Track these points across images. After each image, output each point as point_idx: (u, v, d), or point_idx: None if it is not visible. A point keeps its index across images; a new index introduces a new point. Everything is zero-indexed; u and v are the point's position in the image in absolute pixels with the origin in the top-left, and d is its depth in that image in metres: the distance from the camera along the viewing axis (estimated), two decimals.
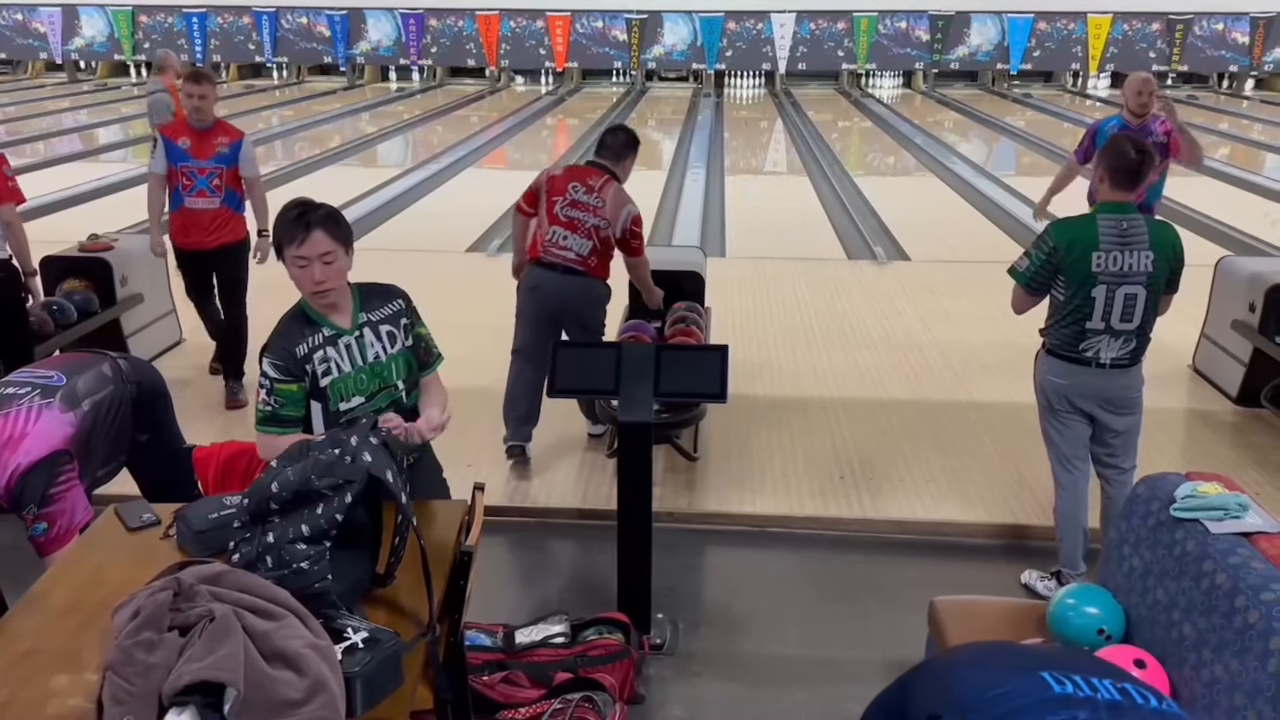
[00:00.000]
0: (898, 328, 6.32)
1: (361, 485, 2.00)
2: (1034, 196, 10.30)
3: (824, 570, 3.84)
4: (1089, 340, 3.39)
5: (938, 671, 1.52)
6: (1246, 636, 2.07)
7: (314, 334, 2.56)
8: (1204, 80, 20.27)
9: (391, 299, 2.68)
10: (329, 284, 2.51)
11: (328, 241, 2.49)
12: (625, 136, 4.47)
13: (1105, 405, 3.48)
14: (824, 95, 19.92)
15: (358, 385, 2.59)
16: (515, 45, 20.62)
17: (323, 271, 2.48)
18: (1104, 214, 3.36)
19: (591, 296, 4.35)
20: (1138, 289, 3.32)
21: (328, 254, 2.49)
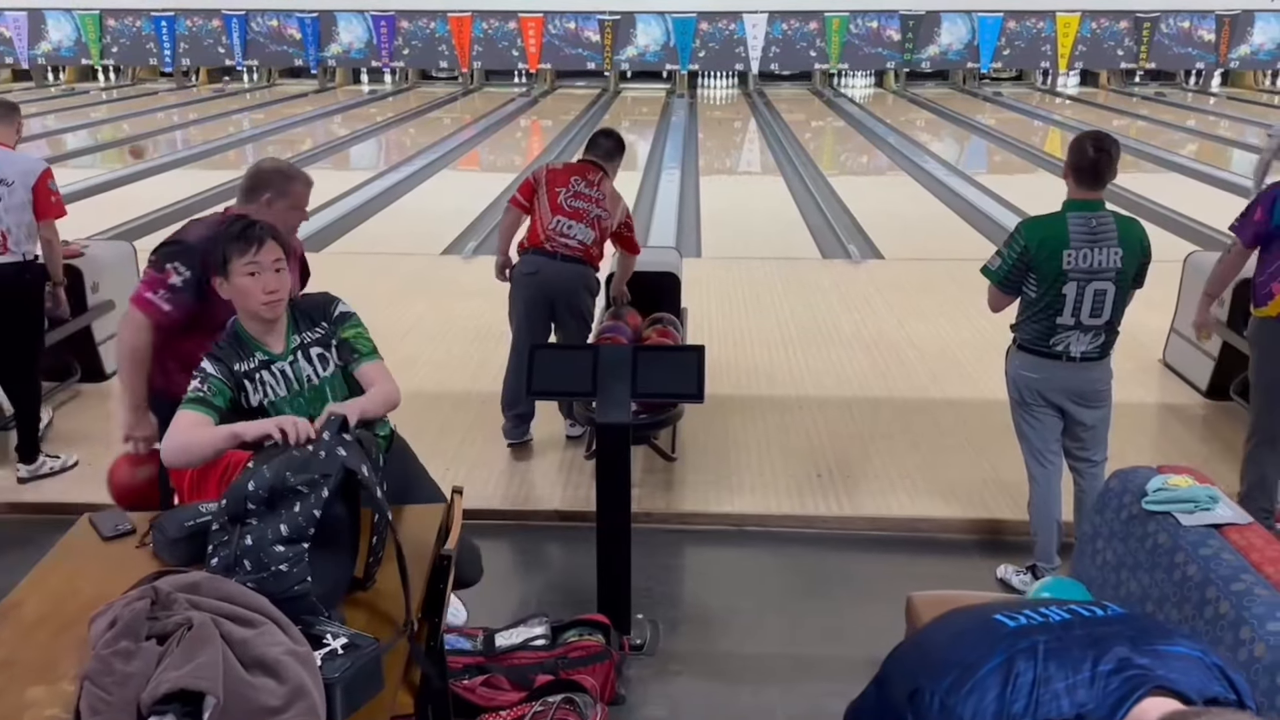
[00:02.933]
0: (872, 326, 6.36)
1: (338, 479, 2.00)
2: (1005, 194, 10.45)
3: (801, 568, 3.87)
4: (1059, 335, 3.44)
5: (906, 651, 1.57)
6: (1218, 626, 2.11)
7: (247, 359, 2.52)
8: (1171, 77, 20.51)
9: (317, 319, 2.62)
10: (280, 293, 2.48)
11: (277, 249, 2.49)
12: (615, 140, 4.64)
13: (1075, 399, 3.52)
14: (797, 95, 20.00)
15: (295, 408, 2.50)
16: (488, 47, 20.57)
17: (275, 279, 2.47)
18: (1073, 211, 3.41)
19: (587, 284, 4.47)
20: (1107, 285, 3.37)
21: (278, 260, 2.48)
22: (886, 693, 1.51)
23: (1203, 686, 1.30)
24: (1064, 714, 1.29)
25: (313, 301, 2.68)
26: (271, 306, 2.48)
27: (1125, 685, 1.28)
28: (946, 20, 19.87)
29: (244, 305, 2.50)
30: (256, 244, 2.46)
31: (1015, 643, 1.36)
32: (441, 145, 14.00)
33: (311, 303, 2.67)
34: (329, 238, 8.85)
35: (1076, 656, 1.33)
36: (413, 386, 5.44)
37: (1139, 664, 1.30)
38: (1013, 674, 1.33)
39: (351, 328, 2.65)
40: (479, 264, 4.83)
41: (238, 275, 2.46)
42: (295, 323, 2.59)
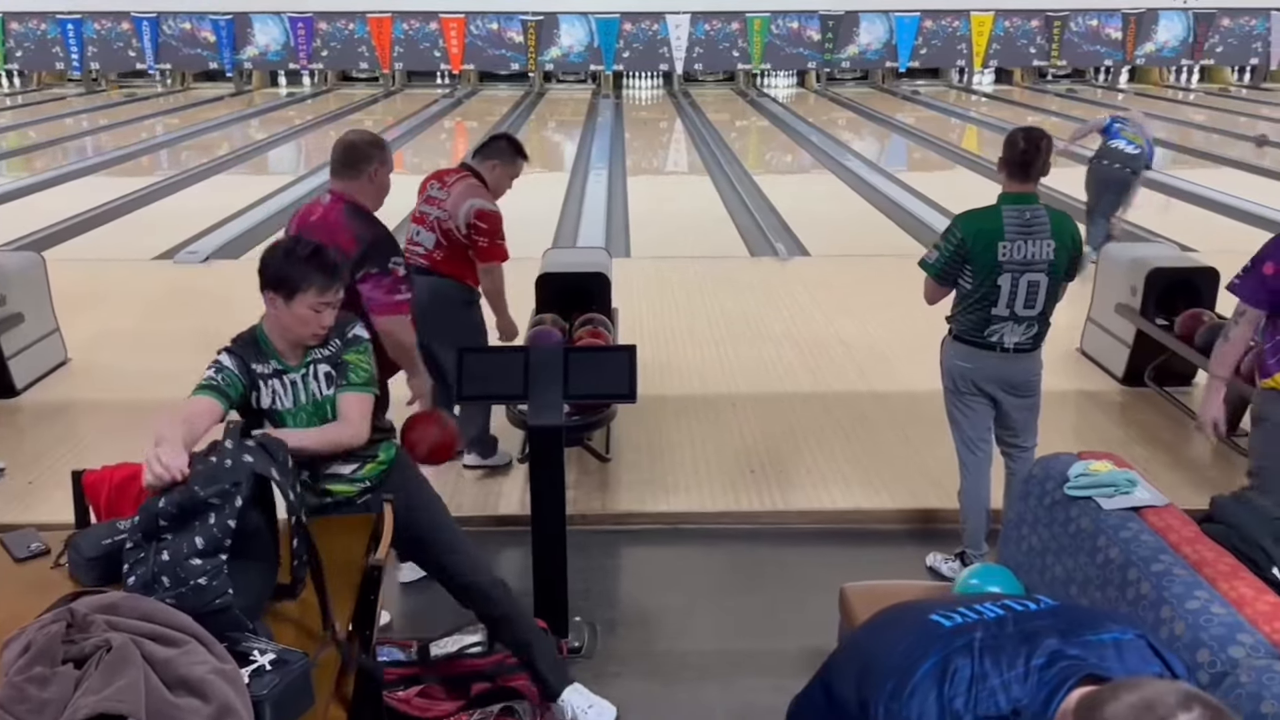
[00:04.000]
0: (801, 322, 6.43)
1: (249, 487, 1.95)
2: (925, 191, 10.66)
3: (737, 564, 3.89)
4: (994, 326, 3.49)
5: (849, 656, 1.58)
6: (1140, 607, 2.17)
7: (263, 362, 2.52)
8: (1081, 74, 21.13)
9: (332, 337, 2.58)
10: (329, 326, 2.53)
11: (339, 290, 2.51)
12: (499, 140, 4.33)
13: (1007, 388, 3.59)
14: (721, 95, 20.15)
15: (297, 422, 2.53)
16: (409, 48, 20.32)
17: (330, 317, 2.50)
18: (1007, 205, 3.47)
19: (440, 296, 3.98)
20: (1040, 276, 3.43)
21: (337, 300, 2.51)
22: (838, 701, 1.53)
23: (1135, 669, 1.33)
24: (1001, 710, 1.32)
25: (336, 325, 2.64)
26: (317, 338, 2.53)
27: (1057, 677, 1.31)
28: (865, 20, 20.19)
29: (290, 330, 2.50)
30: (337, 285, 2.48)
31: (952, 641, 1.39)
32: None
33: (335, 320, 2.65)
34: (248, 244, 8.64)
35: (1011, 652, 1.35)
36: None
37: (1070, 655, 1.33)
38: (950, 672, 1.35)
39: (355, 353, 2.61)
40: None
41: (302, 305, 2.45)
42: None
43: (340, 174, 3.29)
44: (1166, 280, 5.23)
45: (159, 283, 7.51)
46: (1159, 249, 6.30)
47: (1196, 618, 2.01)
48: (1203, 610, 2.03)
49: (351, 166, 3.28)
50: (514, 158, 4.25)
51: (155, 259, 8.13)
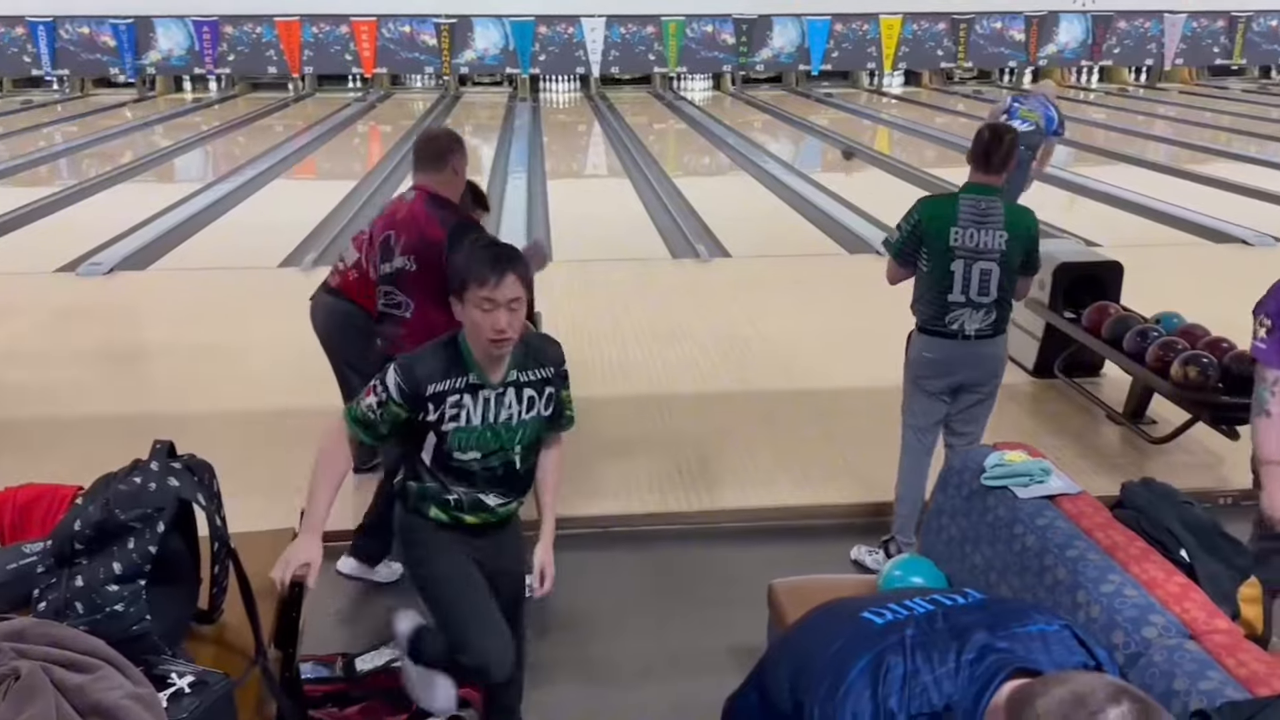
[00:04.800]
0: (724, 322, 6.48)
1: (172, 512, 1.88)
2: (841, 191, 10.84)
3: (667, 565, 3.90)
4: (953, 313, 3.63)
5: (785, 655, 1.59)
6: (1056, 592, 2.23)
7: (458, 377, 2.38)
8: (987, 76, 21.72)
9: (546, 363, 2.50)
10: (510, 334, 2.32)
11: (518, 287, 2.31)
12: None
13: (971, 374, 3.72)
14: (638, 98, 20.21)
15: (480, 440, 2.43)
16: (319, 51, 19.91)
17: (508, 319, 2.30)
18: (966, 194, 3.64)
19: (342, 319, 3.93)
20: (992, 265, 3.57)
21: (516, 300, 2.31)
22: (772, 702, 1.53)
23: (1062, 660, 1.37)
24: (934, 706, 1.33)
25: (546, 341, 2.59)
26: (499, 345, 2.34)
27: (987, 672, 1.33)
28: (778, 24, 20.45)
29: (472, 338, 2.37)
30: (496, 278, 2.29)
31: (884, 639, 1.40)
32: (274, 154, 13.46)
33: (544, 342, 2.58)
34: (156, 254, 8.39)
35: (942, 648, 1.37)
36: (257, 405, 5.25)
37: (999, 648, 1.36)
38: (883, 670, 1.37)
39: (568, 388, 2.58)
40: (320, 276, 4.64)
41: (471, 305, 2.31)
42: (523, 357, 2.46)
43: (426, 168, 3.47)
44: (1073, 275, 5.40)
45: (61, 296, 7.23)
46: (1065, 245, 6.51)
47: (1111, 601, 2.08)
48: (1116, 593, 2.10)
49: (438, 159, 3.45)
50: (473, 207, 3.94)
51: (57, 271, 7.82)
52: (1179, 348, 4.48)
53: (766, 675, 1.60)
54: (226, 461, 2.55)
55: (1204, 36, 21.17)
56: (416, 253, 3.35)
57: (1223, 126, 15.84)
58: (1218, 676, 1.80)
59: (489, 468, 2.46)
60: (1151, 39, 20.97)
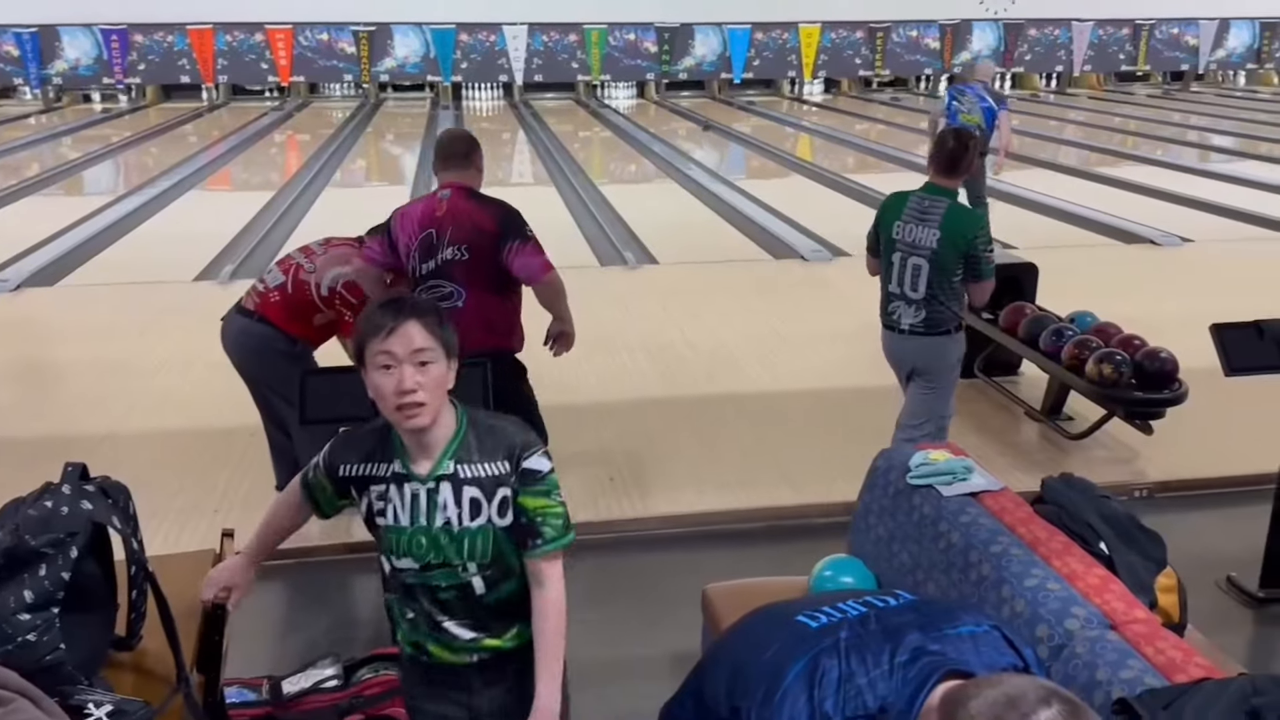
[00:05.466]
0: (652, 329, 6.49)
1: (86, 537, 1.81)
2: (765, 197, 10.96)
3: (601, 573, 3.88)
4: (892, 304, 3.86)
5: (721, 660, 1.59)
6: (982, 588, 2.28)
7: (381, 462, 1.99)
8: (904, 83, 22.19)
9: (497, 454, 1.97)
10: (422, 397, 1.86)
11: (424, 336, 1.87)
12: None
13: (914, 364, 3.90)
14: (562, 106, 20.19)
15: (413, 547, 1.97)
16: (233, 60, 19.49)
17: (413, 376, 1.85)
18: (919, 192, 3.82)
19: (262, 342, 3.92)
20: (923, 261, 3.74)
21: (421, 352, 1.87)
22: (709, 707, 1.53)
23: (992, 661, 1.39)
24: (869, 709, 1.35)
25: (502, 428, 2.00)
26: (410, 414, 1.88)
27: (920, 674, 1.35)
28: (699, 33, 20.62)
29: (384, 411, 1.93)
30: (393, 323, 1.86)
31: (819, 642, 1.41)
32: (188, 165, 13.12)
33: (499, 429, 2.00)
34: (65, 269, 8.10)
35: (875, 650, 1.39)
36: (173, 424, 5.09)
37: (931, 650, 1.38)
38: (818, 674, 1.37)
39: (540, 494, 2.00)
40: (238, 289, 4.54)
41: (372, 369, 1.89)
42: (463, 442, 1.96)
43: (454, 166, 3.62)
44: None
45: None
46: None
47: (1034, 595, 2.13)
48: (1039, 587, 2.14)
49: (465, 157, 3.62)
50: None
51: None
52: (1093, 346, 4.62)
53: (702, 681, 1.60)
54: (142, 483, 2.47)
55: (1110, 44, 21.95)
56: (469, 242, 3.51)
57: (1130, 131, 16.42)
58: (1138, 665, 1.86)
59: (434, 586, 1.99)
60: (1061, 46, 21.67)
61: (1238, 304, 5.04)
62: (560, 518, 2.04)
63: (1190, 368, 4.48)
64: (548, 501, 2.02)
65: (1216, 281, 7.48)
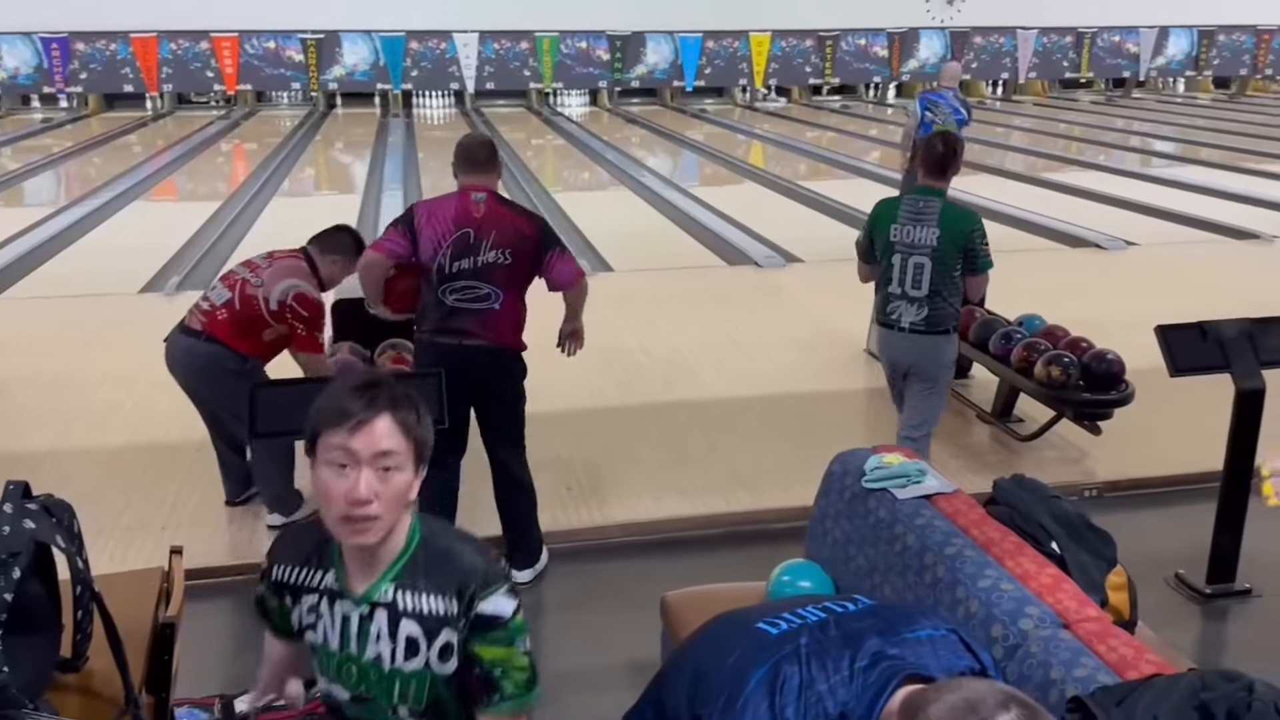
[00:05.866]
0: (607, 336, 6.46)
1: (29, 557, 1.76)
2: (718, 204, 11.02)
3: (559, 583, 3.86)
4: (892, 304, 3.95)
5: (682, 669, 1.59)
6: (937, 589, 2.30)
7: (317, 570, 1.69)
8: (854, 91, 22.44)
9: (450, 589, 1.62)
10: (377, 511, 1.55)
11: (396, 437, 1.56)
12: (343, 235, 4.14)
13: (913, 365, 4.01)
14: (515, 113, 20.13)
15: (341, 673, 1.69)
16: (178, 69, 19.19)
17: (372, 484, 1.54)
18: (911, 194, 4.00)
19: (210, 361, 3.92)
20: (925, 260, 3.87)
21: (388, 455, 1.56)
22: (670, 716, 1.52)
23: (950, 665, 1.40)
24: (830, 715, 1.35)
25: (460, 554, 1.66)
26: (354, 529, 1.57)
27: (880, 678, 1.35)
28: (651, 40, 20.70)
29: (325, 514, 1.61)
30: (362, 414, 1.55)
31: (779, 649, 1.41)
32: (133, 174, 12.87)
33: (456, 554, 1.65)
34: (6, 281, 7.91)
35: (835, 655, 1.39)
36: (118, 439, 4.98)
37: (891, 655, 1.38)
38: (779, 681, 1.38)
39: (499, 643, 1.65)
40: (184, 301, 4.45)
41: (322, 460, 1.58)
42: (410, 564, 1.64)
43: (481, 170, 3.64)
44: None
45: None
46: None
47: (988, 595, 2.15)
48: (993, 588, 2.17)
49: (490, 161, 3.66)
50: (356, 255, 3.97)
51: None
52: (1041, 348, 4.70)
53: (663, 690, 1.60)
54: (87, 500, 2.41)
55: (1054, 51, 22.40)
56: (513, 247, 3.59)
57: (1074, 137, 16.74)
58: (1090, 663, 1.88)
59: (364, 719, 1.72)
60: (1006, 54, 22.05)
61: (1181, 305, 5.16)
62: (525, 671, 1.69)
63: (1136, 368, 4.57)
64: (509, 652, 1.66)
65: (1160, 284, 7.66)
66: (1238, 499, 3.64)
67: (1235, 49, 23.33)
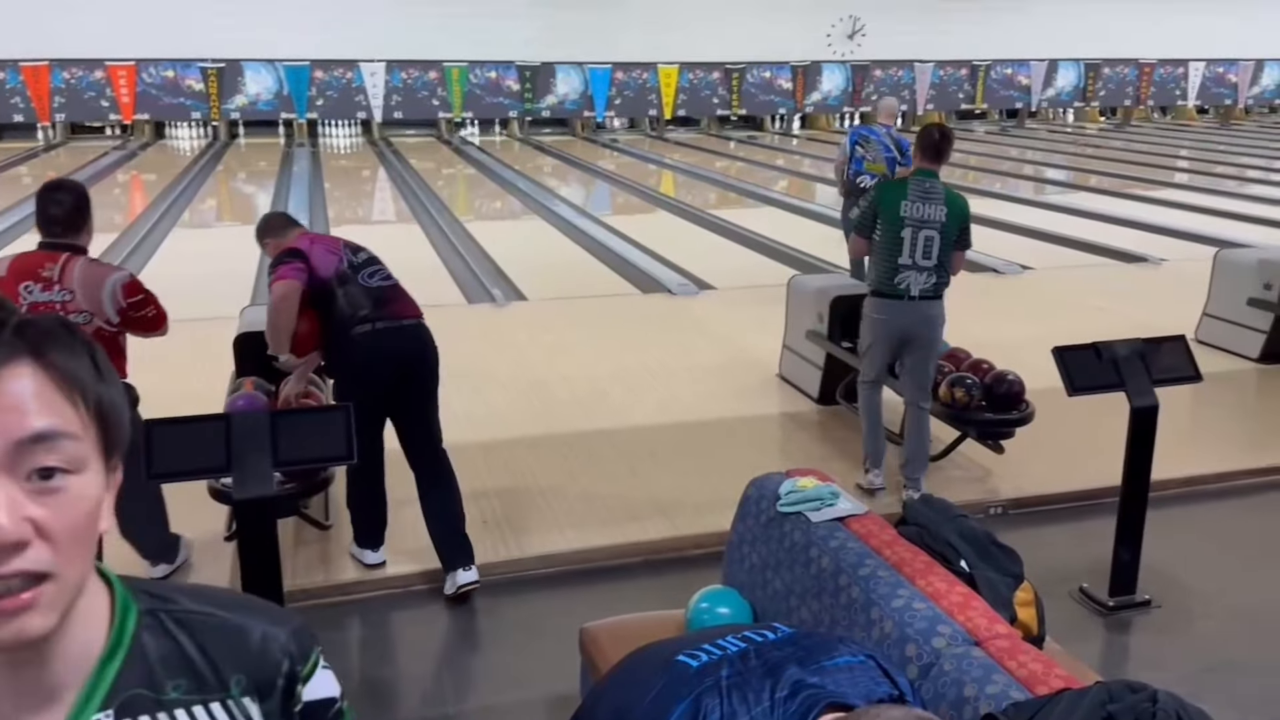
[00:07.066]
0: (522, 366, 6.44)
1: None
2: (631, 233, 11.10)
3: (475, 619, 3.79)
4: (901, 275, 4.37)
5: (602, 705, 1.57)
6: (852, 610, 2.32)
7: None
8: (758, 122, 22.88)
9: (244, 680, 0.96)
10: (31, 562, 0.80)
11: (57, 403, 0.83)
12: (71, 197, 3.55)
13: (914, 330, 4.44)
14: (424, 143, 19.98)
15: None
16: (71, 98, 18.57)
17: (17, 507, 0.80)
18: (915, 177, 4.47)
19: None
20: (934, 234, 4.36)
21: (47, 443, 0.81)
22: None
23: (869, 692, 1.41)
24: None
25: (232, 630, 0.96)
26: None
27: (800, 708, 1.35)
28: (561, 71, 20.81)
29: None
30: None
31: (700, 682, 1.40)
32: (23, 207, 12.37)
33: (227, 625, 0.97)
34: None
35: (756, 686, 1.39)
36: None
37: (810, 683, 1.39)
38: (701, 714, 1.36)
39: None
40: None
41: None
42: (132, 671, 0.90)
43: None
44: (848, 306, 5.71)
45: None
46: (839, 278, 6.89)
47: (901, 615, 2.18)
48: (906, 607, 2.20)
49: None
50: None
51: None
52: (945, 371, 4.82)
53: None
54: None
55: (950, 83, 23.22)
56: None
57: (970, 166, 17.33)
58: (1002, 680, 1.92)
59: None
60: (905, 86, 22.77)
61: (1075, 327, 5.36)
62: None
63: (1035, 388, 4.73)
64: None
65: (1055, 306, 7.95)
66: (1136, 513, 3.77)
67: (1119, 81, 24.53)
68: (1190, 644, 3.68)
